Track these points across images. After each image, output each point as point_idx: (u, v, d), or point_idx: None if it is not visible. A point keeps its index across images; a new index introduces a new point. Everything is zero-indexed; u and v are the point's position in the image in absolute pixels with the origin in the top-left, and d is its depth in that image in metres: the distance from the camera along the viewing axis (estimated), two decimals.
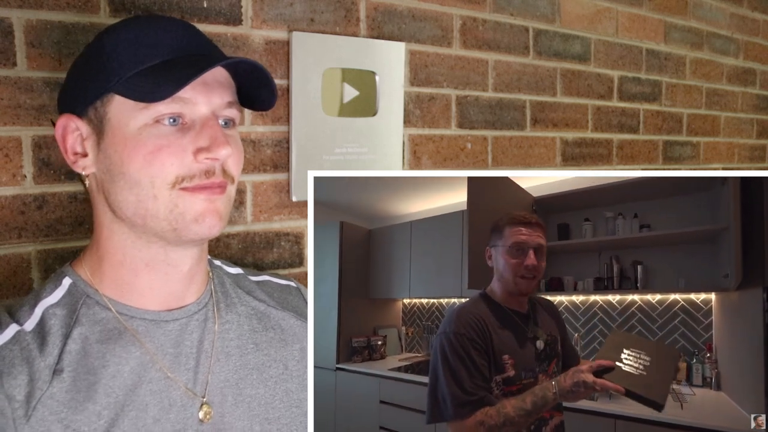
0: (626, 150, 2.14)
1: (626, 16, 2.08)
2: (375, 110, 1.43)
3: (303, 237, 1.36)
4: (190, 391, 0.81)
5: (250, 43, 1.25)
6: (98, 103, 0.77)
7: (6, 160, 1.00)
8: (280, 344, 0.93)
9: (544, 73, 1.84)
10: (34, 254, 1.03)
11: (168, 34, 0.78)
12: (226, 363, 0.86)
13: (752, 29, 2.68)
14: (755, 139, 2.79)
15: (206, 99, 0.77)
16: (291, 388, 0.91)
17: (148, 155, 0.75)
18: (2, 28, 0.98)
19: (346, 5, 1.38)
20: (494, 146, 1.72)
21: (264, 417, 0.87)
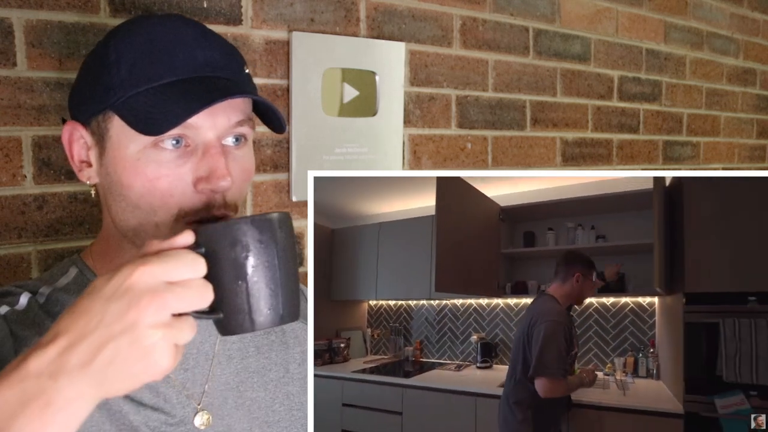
0: (626, 150, 2.14)
1: (626, 16, 2.08)
2: (375, 110, 1.43)
3: (303, 237, 1.36)
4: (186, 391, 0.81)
5: (250, 43, 1.25)
6: (100, 117, 0.74)
7: (6, 160, 1.00)
8: (282, 347, 0.93)
9: (544, 73, 1.84)
10: (34, 254, 1.03)
11: (181, 48, 0.73)
12: (228, 366, 0.86)
13: (752, 29, 2.68)
14: (755, 139, 2.79)
15: (211, 123, 0.72)
16: (292, 391, 0.91)
17: (147, 183, 0.71)
18: (2, 28, 0.98)
19: (346, 5, 1.38)
20: (494, 146, 1.72)
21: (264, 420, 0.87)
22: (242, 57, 0.81)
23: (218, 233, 0.60)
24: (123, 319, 0.54)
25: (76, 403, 0.53)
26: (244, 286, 0.60)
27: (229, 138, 0.75)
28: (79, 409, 0.54)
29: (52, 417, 0.52)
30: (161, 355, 0.54)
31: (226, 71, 0.75)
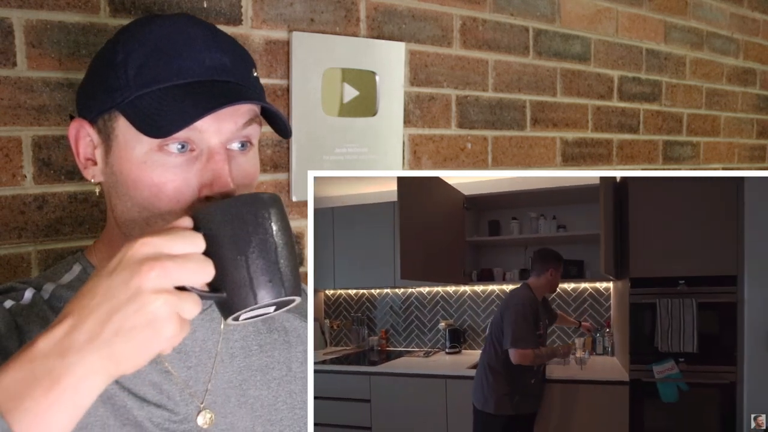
0: (626, 150, 2.14)
1: (626, 16, 2.08)
2: (375, 110, 1.43)
3: (303, 237, 1.36)
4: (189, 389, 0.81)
5: (250, 43, 1.25)
6: (106, 116, 0.74)
7: (6, 160, 1.00)
8: (284, 346, 0.93)
9: (544, 73, 1.84)
10: (34, 254, 1.03)
11: (189, 51, 0.72)
12: (230, 364, 0.86)
13: (752, 29, 2.68)
14: (755, 139, 2.79)
15: (216, 127, 0.72)
16: (294, 389, 0.91)
17: (153, 187, 0.71)
18: (2, 28, 0.98)
19: (346, 5, 1.38)
20: (494, 146, 1.72)
21: (267, 419, 0.87)
22: (251, 59, 0.80)
23: (213, 213, 0.62)
24: (127, 288, 0.54)
25: (86, 381, 0.53)
26: (243, 260, 0.61)
27: (234, 143, 0.75)
28: (89, 388, 0.53)
29: (59, 396, 0.52)
30: (166, 322, 0.55)
31: (233, 75, 0.75)
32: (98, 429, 0.73)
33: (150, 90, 0.71)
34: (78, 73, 1.03)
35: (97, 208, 1.07)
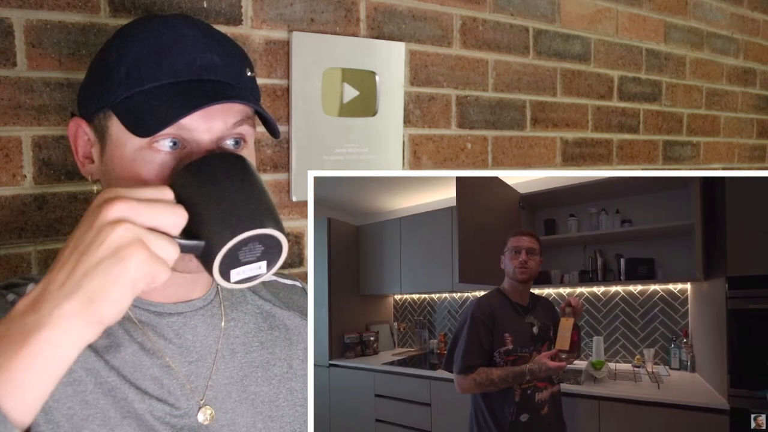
0: (626, 150, 2.14)
1: (626, 16, 2.08)
2: (375, 110, 1.43)
3: (303, 237, 1.36)
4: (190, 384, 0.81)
5: (250, 43, 1.25)
6: (101, 115, 0.75)
7: (6, 160, 1.00)
8: (285, 343, 0.93)
9: (544, 73, 1.84)
10: (34, 254, 1.03)
11: (180, 51, 0.73)
12: (231, 360, 0.86)
13: (752, 29, 2.68)
14: (755, 139, 2.79)
15: (206, 126, 0.72)
16: (295, 387, 0.92)
17: (140, 183, 0.71)
18: (2, 28, 0.98)
19: (346, 5, 1.39)
20: (494, 146, 1.72)
21: (267, 415, 0.87)
22: (247, 59, 0.80)
23: (183, 173, 0.65)
24: (90, 230, 0.54)
25: (61, 330, 0.52)
26: (214, 201, 0.63)
27: (228, 141, 0.75)
28: (66, 337, 0.52)
29: (34, 349, 0.51)
30: (132, 249, 0.54)
31: (224, 74, 0.75)
32: (99, 421, 0.73)
33: (139, 89, 0.72)
34: (78, 73, 1.03)
35: None
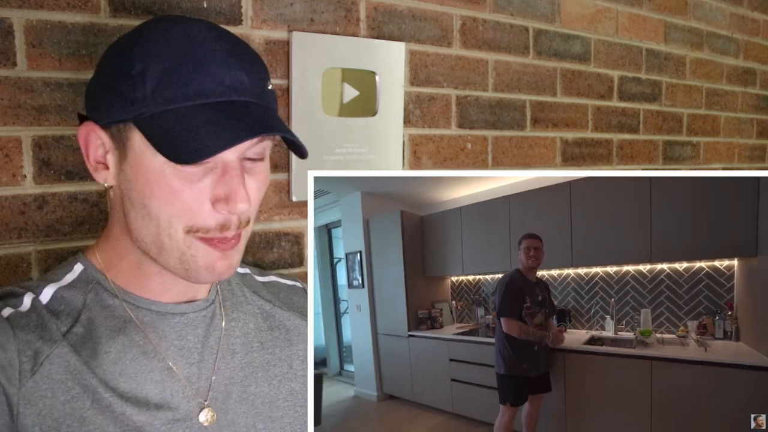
0: (626, 150, 2.14)
1: (626, 16, 2.08)
2: (375, 110, 1.43)
3: (303, 237, 1.36)
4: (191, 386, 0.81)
5: (250, 43, 1.24)
6: (121, 125, 0.74)
7: (6, 160, 1.00)
8: (286, 344, 0.93)
9: (544, 73, 1.84)
10: (34, 254, 1.03)
11: (208, 68, 0.72)
12: (231, 360, 0.86)
13: (752, 29, 2.68)
14: (755, 139, 2.79)
15: (234, 146, 0.73)
16: (295, 387, 0.92)
17: (170, 195, 0.72)
18: (2, 28, 0.98)
19: (346, 5, 1.39)
20: (494, 146, 1.72)
21: (267, 415, 0.87)
22: (266, 70, 0.81)
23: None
24: None
25: None
26: None
27: (248, 153, 0.77)
28: None
29: None
30: None
31: (251, 94, 0.76)
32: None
33: (168, 109, 0.71)
34: (78, 73, 1.03)
35: (97, 208, 1.07)
